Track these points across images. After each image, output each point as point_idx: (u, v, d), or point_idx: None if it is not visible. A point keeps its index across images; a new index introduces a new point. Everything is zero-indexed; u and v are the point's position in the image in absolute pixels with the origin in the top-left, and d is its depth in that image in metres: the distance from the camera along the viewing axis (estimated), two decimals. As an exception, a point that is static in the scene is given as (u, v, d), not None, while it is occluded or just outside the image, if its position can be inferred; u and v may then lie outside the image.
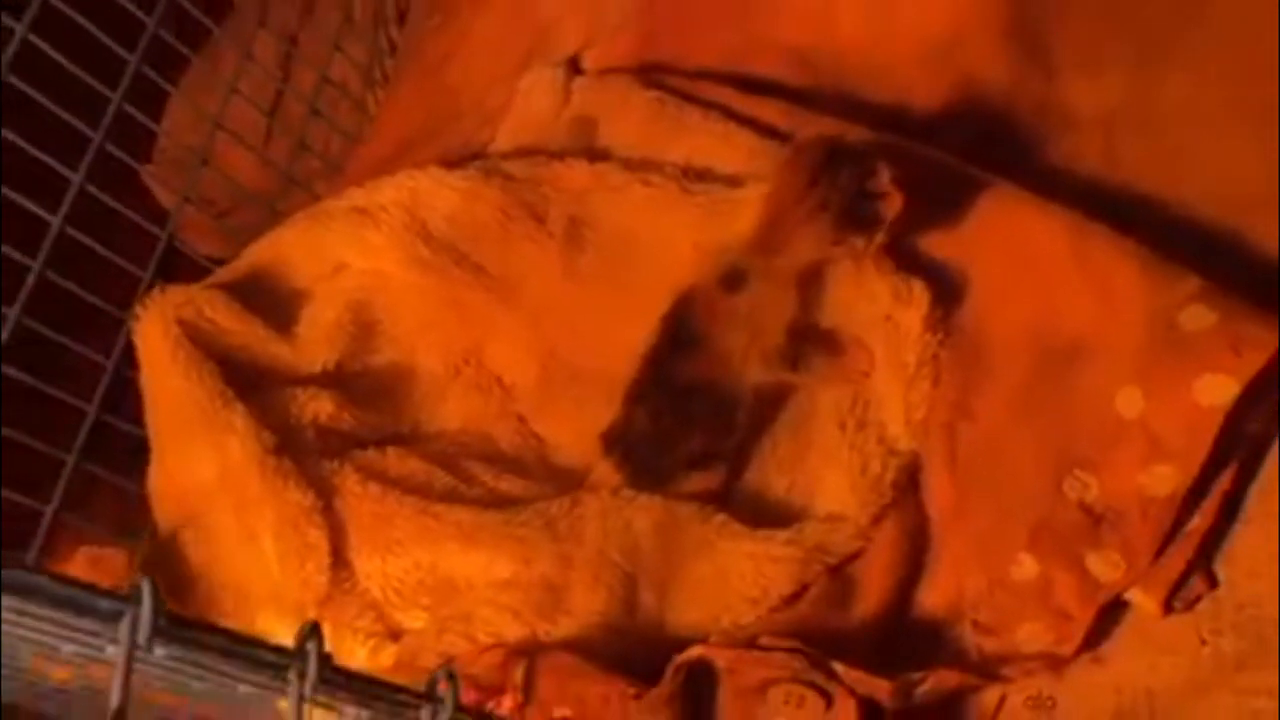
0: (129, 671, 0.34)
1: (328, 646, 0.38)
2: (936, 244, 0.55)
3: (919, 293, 0.53)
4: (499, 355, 0.69)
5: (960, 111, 0.62)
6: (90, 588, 0.34)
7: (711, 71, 0.70)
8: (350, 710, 0.43)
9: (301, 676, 0.40)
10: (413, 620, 0.56)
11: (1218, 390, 0.43)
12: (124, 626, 0.34)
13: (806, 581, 0.51)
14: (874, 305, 0.53)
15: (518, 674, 0.49)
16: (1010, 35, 0.63)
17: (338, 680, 0.41)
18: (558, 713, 0.47)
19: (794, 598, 0.51)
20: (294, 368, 0.65)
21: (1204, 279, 0.47)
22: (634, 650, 0.52)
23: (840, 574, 0.51)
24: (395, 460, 0.62)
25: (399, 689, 0.44)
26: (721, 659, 0.46)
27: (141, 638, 0.34)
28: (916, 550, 0.51)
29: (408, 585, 0.57)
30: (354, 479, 0.59)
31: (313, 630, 0.40)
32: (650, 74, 0.71)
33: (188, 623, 0.36)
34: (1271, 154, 0.53)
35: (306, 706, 0.39)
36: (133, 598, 0.34)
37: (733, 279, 0.53)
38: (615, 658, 0.51)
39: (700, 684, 0.46)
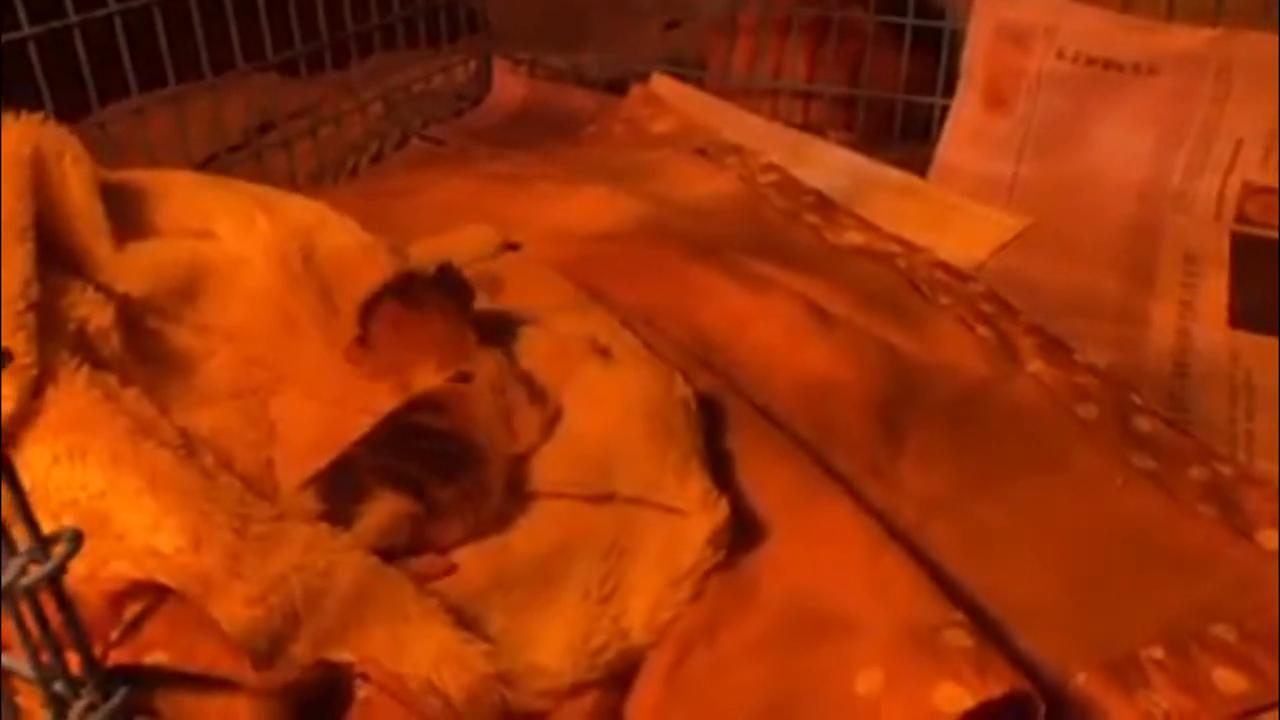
0: None
1: None
2: (754, 495, 0.56)
3: (721, 508, 0.52)
4: (289, 406, 0.65)
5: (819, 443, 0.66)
6: None
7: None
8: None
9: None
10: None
11: (955, 699, 0.43)
12: None
13: (477, 711, 0.45)
14: (677, 492, 0.53)
15: (129, 611, 0.41)
16: (874, 413, 0.69)
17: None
18: (150, 656, 0.39)
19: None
20: (101, 271, 0.60)
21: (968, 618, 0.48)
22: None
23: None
24: (131, 397, 0.55)
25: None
26: (374, 682, 0.39)
27: None
28: (595, 740, 0.46)
29: (57, 496, 0.49)
30: (83, 376, 0.53)
31: None
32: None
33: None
34: (1046, 581, 0.57)
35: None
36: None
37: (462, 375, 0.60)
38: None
39: (334, 694, 0.39)
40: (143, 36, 0.81)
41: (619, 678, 0.48)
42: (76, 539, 0.38)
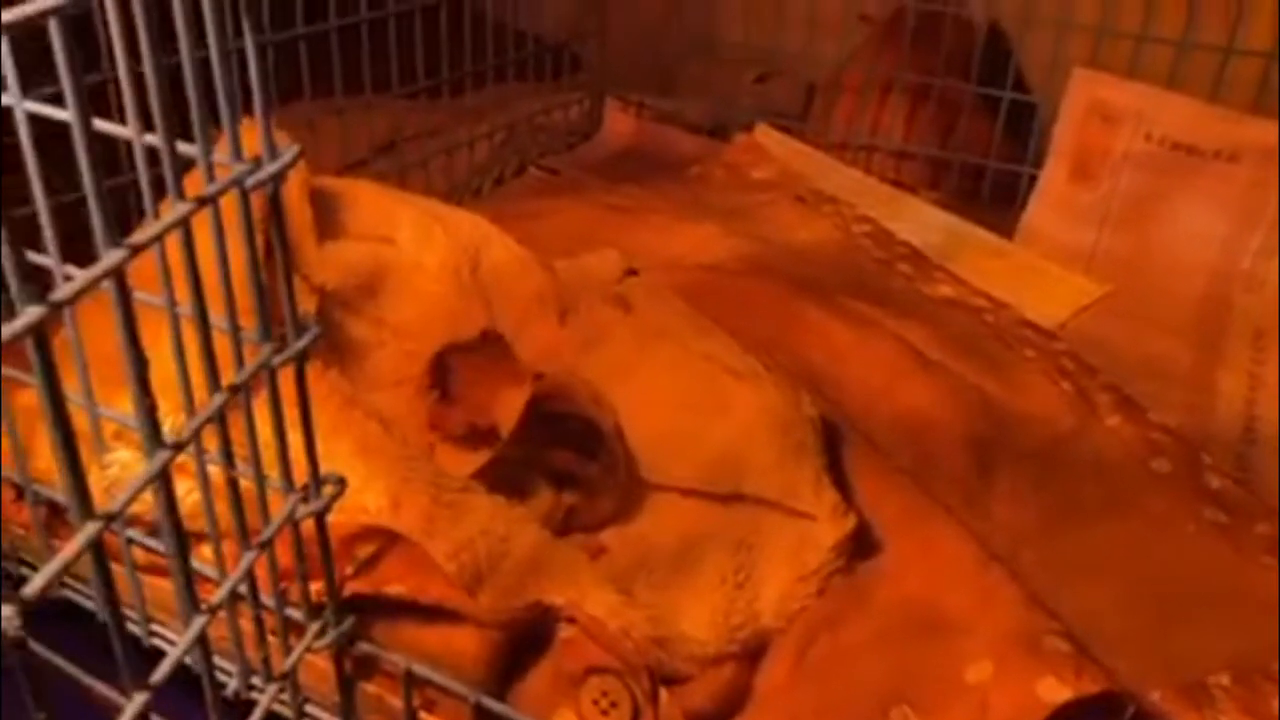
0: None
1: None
2: (870, 512, 0.63)
3: (850, 519, 0.59)
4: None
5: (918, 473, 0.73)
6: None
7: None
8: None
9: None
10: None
11: (1055, 691, 0.49)
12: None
13: (634, 663, 0.52)
14: (811, 500, 0.60)
15: (362, 550, 0.48)
16: (968, 450, 0.76)
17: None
18: (389, 588, 0.46)
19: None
20: (305, 265, 0.68)
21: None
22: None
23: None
24: (334, 375, 0.63)
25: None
26: (578, 624, 0.46)
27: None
28: (729, 706, 0.53)
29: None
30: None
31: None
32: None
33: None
34: (1121, 613, 0.63)
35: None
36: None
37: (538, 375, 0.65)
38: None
39: (539, 635, 0.46)
40: (318, 57, 0.90)
41: (752, 654, 0.55)
42: (342, 482, 0.45)
